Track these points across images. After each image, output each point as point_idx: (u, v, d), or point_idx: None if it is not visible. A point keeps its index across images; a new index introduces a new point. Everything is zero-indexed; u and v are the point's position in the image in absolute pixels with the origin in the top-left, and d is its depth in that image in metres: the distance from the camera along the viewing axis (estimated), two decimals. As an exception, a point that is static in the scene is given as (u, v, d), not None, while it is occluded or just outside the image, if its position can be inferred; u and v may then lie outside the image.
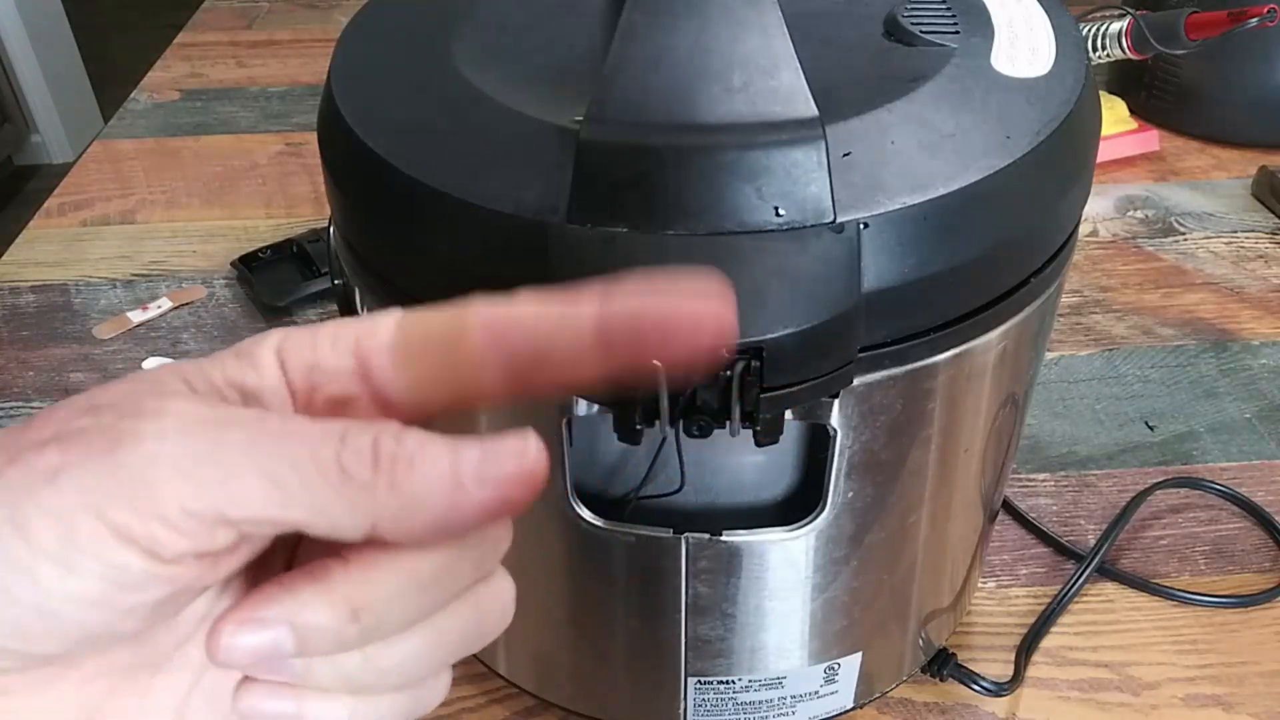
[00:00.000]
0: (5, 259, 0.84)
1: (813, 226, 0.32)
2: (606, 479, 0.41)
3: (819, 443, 0.39)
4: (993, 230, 0.35)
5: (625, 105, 0.32)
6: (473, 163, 0.35)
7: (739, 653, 0.44)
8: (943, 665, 0.51)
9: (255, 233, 0.87)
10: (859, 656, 0.47)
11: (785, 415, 0.34)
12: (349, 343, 0.22)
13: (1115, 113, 0.93)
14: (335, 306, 0.55)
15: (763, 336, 0.31)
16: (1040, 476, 0.64)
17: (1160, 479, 0.62)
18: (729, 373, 0.31)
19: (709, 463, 0.41)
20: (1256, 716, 0.51)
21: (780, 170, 0.32)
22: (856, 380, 0.35)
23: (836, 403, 0.36)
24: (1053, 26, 0.41)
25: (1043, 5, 0.42)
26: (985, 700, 0.52)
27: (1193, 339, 0.74)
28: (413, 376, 0.22)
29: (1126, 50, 0.83)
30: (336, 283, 0.44)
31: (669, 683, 0.46)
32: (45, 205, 0.91)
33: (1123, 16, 0.83)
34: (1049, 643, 0.54)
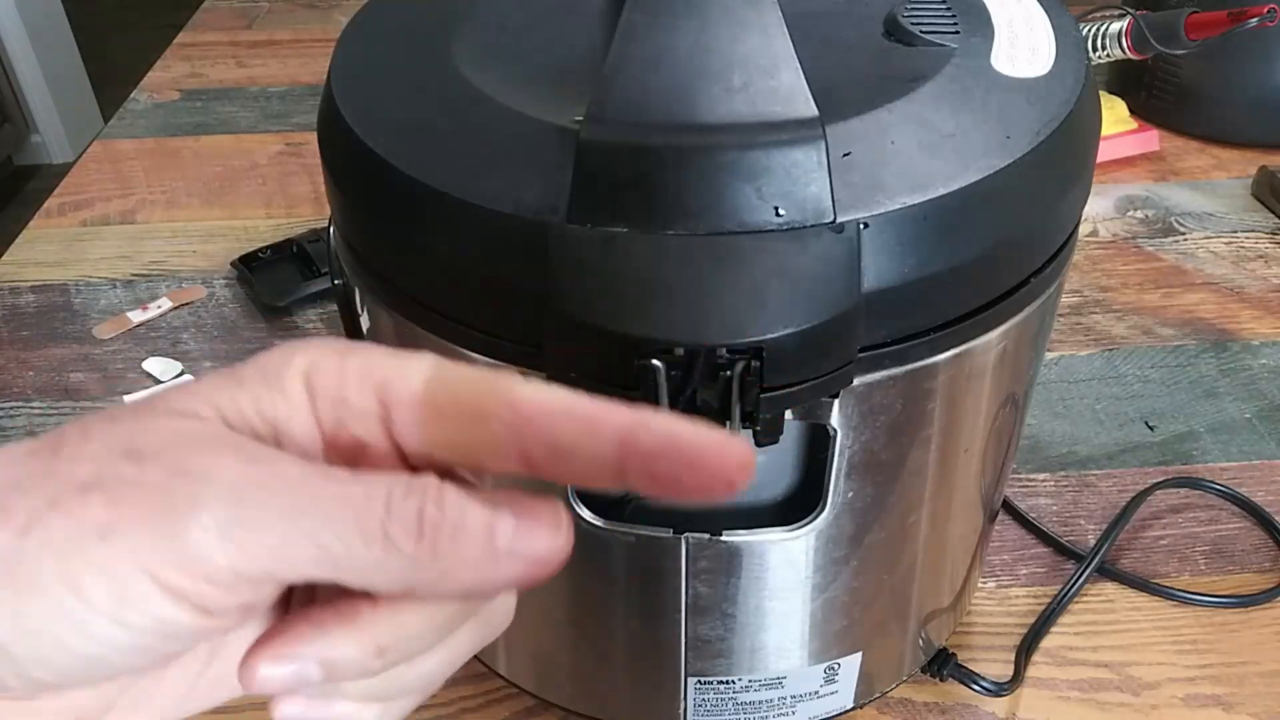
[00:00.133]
0: (5, 259, 0.84)
1: (813, 226, 0.32)
2: (606, 479, 0.41)
3: (819, 443, 0.39)
4: (993, 230, 0.35)
5: (625, 105, 0.32)
6: (473, 163, 0.35)
7: (739, 653, 0.44)
8: (943, 665, 0.51)
9: (255, 233, 0.87)
10: (859, 656, 0.47)
11: (785, 415, 0.34)
12: (377, 384, 0.23)
13: (1115, 113, 0.93)
14: (335, 306, 0.55)
15: (763, 336, 0.31)
16: (1040, 476, 0.64)
17: (1160, 479, 0.62)
18: (729, 373, 0.31)
19: (709, 463, 0.41)
20: (1256, 716, 0.51)
21: (780, 170, 0.32)
22: (856, 380, 0.35)
23: (836, 403, 0.36)
24: (1053, 26, 0.41)
25: (1043, 5, 0.42)
26: (985, 700, 0.52)
27: (1193, 339, 0.74)
28: (431, 437, 0.23)
29: (1126, 50, 0.83)
30: (336, 283, 0.44)
31: (669, 683, 0.46)
32: (45, 205, 0.91)
33: (1123, 16, 0.83)
34: (1049, 643, 0.54)
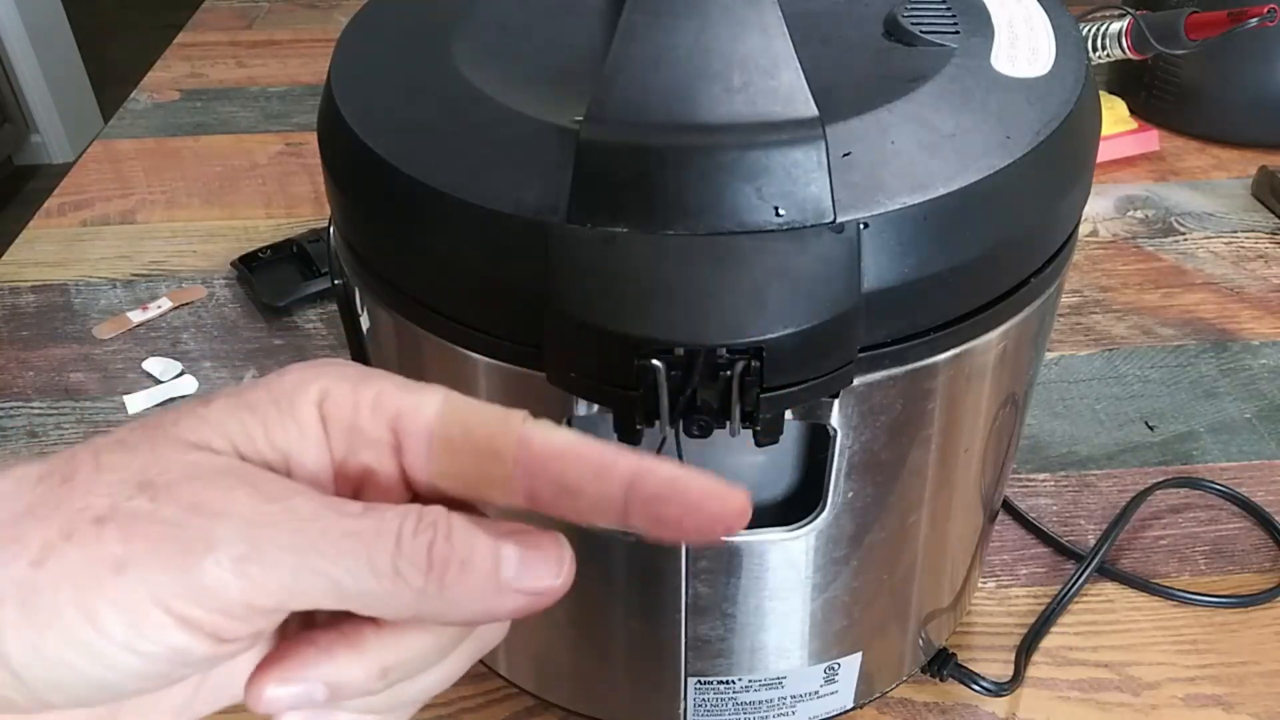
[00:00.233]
0: (5, 259, 0.84)
1: (813, 226, 0.32)
2: (606, 479, 0.41)
3: (819, 443, 0.39)
4: (993, 230, 0.35)
5: (625, 105, 0.32)
6: (473, 163, 0.35)
7: (739, 653, 0.44)
8: (943, 665, 0.51)
9: (255, 233, 0.87)
10: (859, 656, 0.47)
11: (785, 415, 0.34)
12: (389, 415, 0.23)
13: (1115, 113, 0.93)
14: (335, 306, 0.55)
15: (763, 336, 0.31)
16: (1040, 476, 0.64)
17: (1160, 479, 0.62)
18: (729, 373, 0.31)
19: (709, 463, 0.41)
20: (1256, 716, 0.51)
21: (780, 170, 0.32)
22: (856, 380, 0.35)
23: (836, 403, 0.36)
24: (1053, 26, 0.41)
25: (1043, 5, 0.42)
26: (985, 700, 0.52)
27: (1193, 339, 0.74)
28: (441, 470, 0.23)
29: (1126, 50, 0.83)
30: (336, 283, 0.44)
31: (669, 683, 0.46)
32: (45, 205, 0.91)
33: (1123, 16, 0.83)
34: (1049, 643, 0.54)
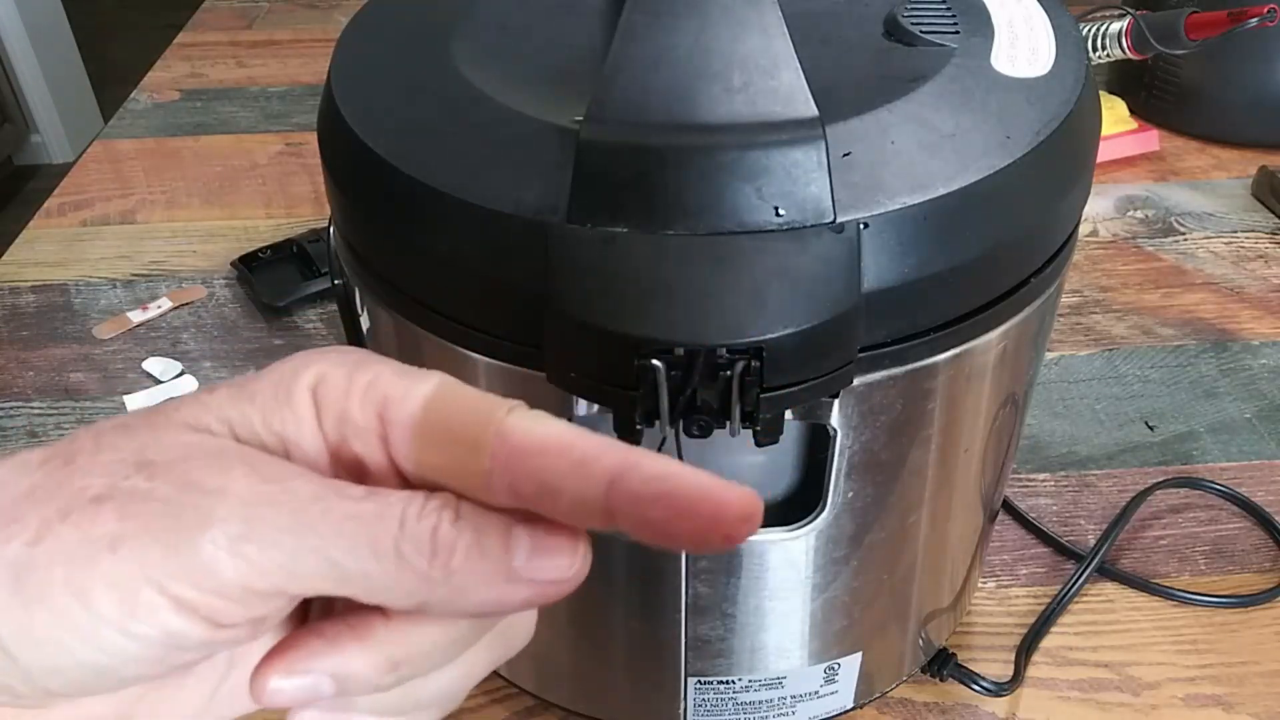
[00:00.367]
0: (5, 259, 0.84)
1: (813, 226, 0.32)
2: (606, 479, 0.41)
3: (819, 443, 0.39)
4: (993, 230, 0.35)
5: (625, 105, 0.32)
6: (473, 163, 0.35)
7: (739, 653, 0.44)
8: (943, 665, 0.51)
9: (255, 233, 0.87)
10: (859, 656, 0.47)
11: (785, 415, 0.34)
12: (377, 403, 0.23)
13: (1115, 113, 0.93)
14: (335, 306, 0.55)
15: (763, 336, 0.31)
16: (1040, 476, 0.64)
17: (1160, 479, 0.62)
18: (729, 373, 0.31)
19: (709, 463, 0.41)
20: (1256, 716, 0.51)
21: (780, 170, 0.32)
22: (856, 380, 0.35)
23: (836, 403, 0.36)
24: (1053, 26, 0.41)
25: (1043, 5, 0.42)
26: (985, 700, 0.52)
27: (1193, 339, 0.74)
28: (422, 461, 0.23)
29: (1126, 50, 0.83)
30: (336, 283, 0.44)
31: (669, 683, 0.46)
32: (45, 205, 0.91)
33: (1123, 16, 0.83)
34: (1049, 643, 0.54)
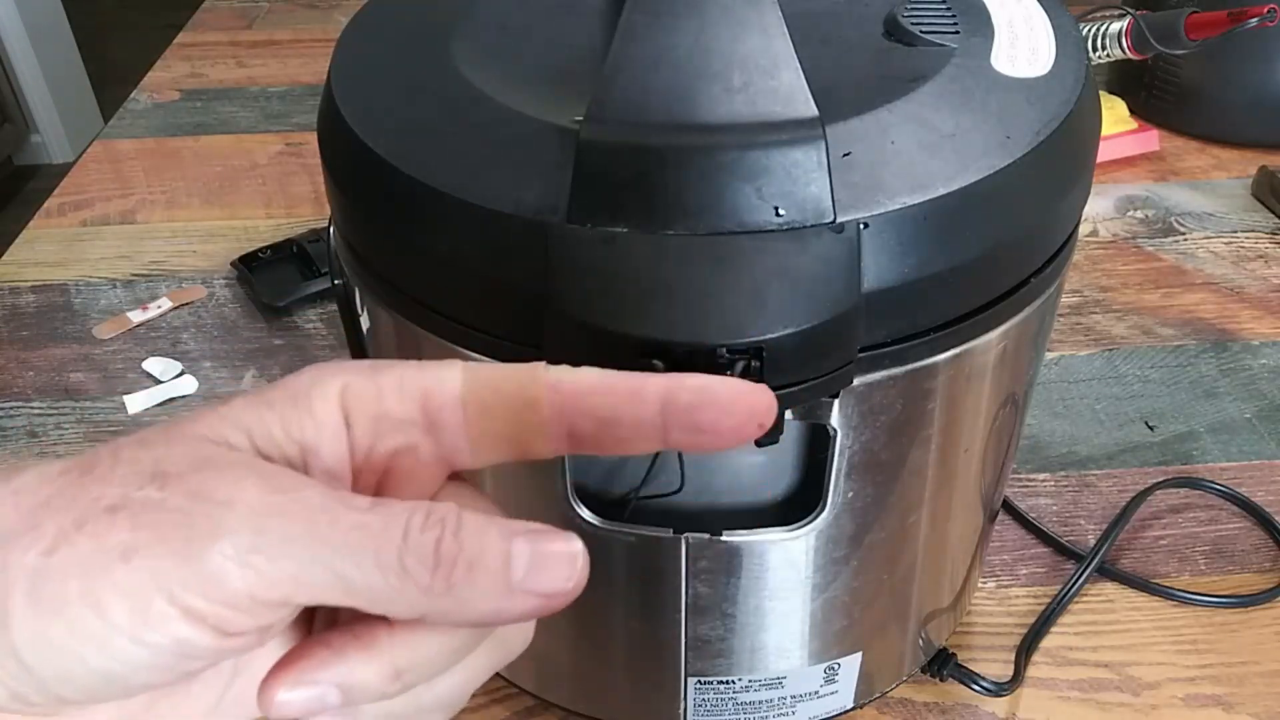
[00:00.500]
0: (5, 259, 0.84)
1: (813, 226, 0.32)
2: (606, 479, 0.41)
3: (819, 443, 0.39)
4: (993, 230, 0.35)
5: (625, 105, 0.32)
6: (473, 163, 0.35)
7: (739, 653, 0.44)
8: (943, 665, 0.51)
9: (255, 233, 0.87)
10: (859, 656, 0.47)
11: (785, 415, 0.34)
12: (416, 394, 0.23)
13: (1115, 113, 0.93)
14: (335, 306, 0.55)
15: (763, 336, 0.31)
16: (1040, 476, 0.64)
17: (1160, 479, 0.62)
18: (729, 373, 0.31)
19: (709, 462, 0.41)
20: (1256, 716, 0.51)
21: (780, 170, 0.32)
22: (856, 380, 0.35)
23: (836, 403, 0.36)
24: (1053, 26, 0.41)
25: (1043, 5, 0.42)
26: (985, 700, 0.52)
27: (1193, 339, 0.74)
28: (479, 432, 0.23)
29: (1126, 50, 0.83)
30: (336, 283, 0.44)
31: (669, 683, 0.46)
32: (45, 205, 0.91)
33: (1123, 16, 0.83)
34: (1049, 643, 0.54)
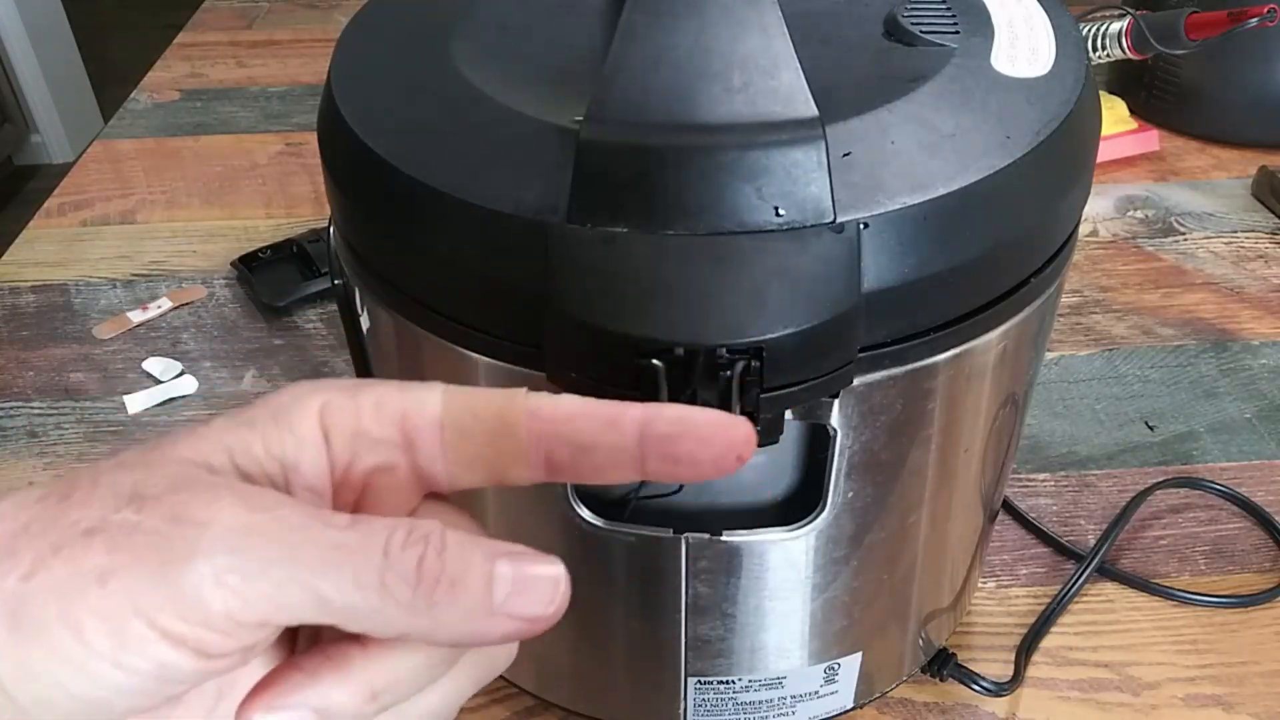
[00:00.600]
0: (5, 259, 0.84)
1: (813, 226, 0.32)
2: (606, 479, 0.41)
3: (819, 443, 0.39)
4: (993, 230, 0.35)
5: (625, 105, 0.32)
6: (473, 163, 0.35)
7: (739, 653, 0.44)
8: (943, 665, 0.51)
9: (255, 233, 0.87)
10: (859, 656, 0.47)
11: (785, 415, 0.34)
12: (394, 415, 0.23)
13: (1115, 113, 0.93)
14: (335, 306, 0.55)
15: (763, 336, 0.31)
16: (1040, 476, 0.64)
17: (1160, 479, 0.62)
18: (729, 373, 0.31)
19: (709, 463, 0.41)
20: (1256, 716, 0.51)
21: (780, 170, 0.32)
22: (856, 380, 0.35)
23: (836, 403, 0.36)
24: (1053, 26, 0.41)
25: (1043, 5, 0.42)
26: (985, 700, 0.52)
27: (1193, 339, 0.74)
28: (457, 456, 0.23)
29: (1126, 50, 0.83)
30: (336, 283, 0.44)
31: (669, 683, 0.46)
32: (45, 205, 0.91)
33: (1123, 16, 0.83)
34: (1049, 643, 0.54)
